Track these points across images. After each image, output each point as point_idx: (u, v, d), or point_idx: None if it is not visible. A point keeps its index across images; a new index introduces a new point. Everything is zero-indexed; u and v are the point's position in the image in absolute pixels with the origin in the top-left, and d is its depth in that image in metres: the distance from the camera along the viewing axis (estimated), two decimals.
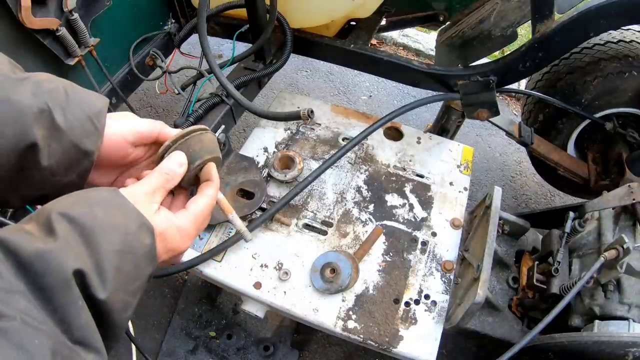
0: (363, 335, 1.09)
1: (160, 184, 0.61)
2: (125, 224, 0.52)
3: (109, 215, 0.52)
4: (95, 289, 0.46)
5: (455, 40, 1.62)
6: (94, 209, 0.51)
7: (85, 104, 0.61)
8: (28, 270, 0.43)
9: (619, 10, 1.12)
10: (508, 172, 2.41)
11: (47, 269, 0.43)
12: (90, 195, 0.54)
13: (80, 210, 0.50)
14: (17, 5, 1.03)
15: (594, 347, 0.98)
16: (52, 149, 0.58)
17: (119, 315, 0.49)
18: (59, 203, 0.51)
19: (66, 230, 0.47)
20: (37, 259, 0.43)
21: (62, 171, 0.60)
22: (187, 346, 1.65)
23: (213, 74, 1.23)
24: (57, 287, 0.43)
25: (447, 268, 1.20)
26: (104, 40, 1.31)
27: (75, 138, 0.59)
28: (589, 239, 1.22)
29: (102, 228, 0.50)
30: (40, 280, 0.43)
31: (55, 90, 0.59)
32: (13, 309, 0.40)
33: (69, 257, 0.45)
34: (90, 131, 0.60)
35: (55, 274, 0.44)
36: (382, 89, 2.80)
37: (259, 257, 1.21)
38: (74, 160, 0.60)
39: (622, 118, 1.61)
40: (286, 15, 1.45)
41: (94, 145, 0.61)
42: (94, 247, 0.48)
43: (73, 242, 0.47)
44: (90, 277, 0.46)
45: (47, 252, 0.44)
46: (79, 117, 0.60)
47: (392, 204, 1.33)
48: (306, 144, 1.46)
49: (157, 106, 2.63)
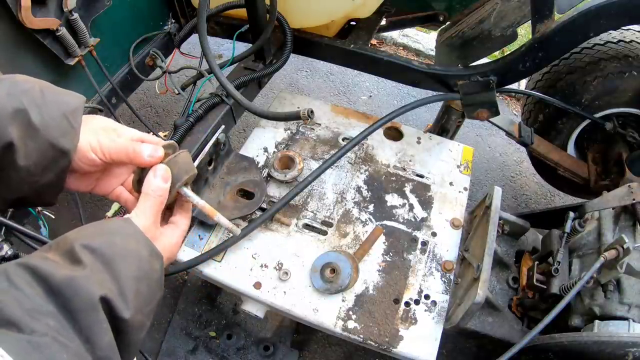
0: (363, 335, 1.09)
1: (157, 208, 0.65)
2: (139, 250, 0.58)
3: (125, 244, 0.57)
4: (120, 310, 0.51)
5: (455, 40, 1.62)
6: (112, 239, 0.56)
7: (61, 102, 0.62)
8: (58, 295, 0.48)
9: (619, 10, 1.12)
10: (508, 172, 2.41)
11: (76, 293, 0.48)
12: (107, 227, 0.59)
13: (100, 240, 0.55)
14: (17, 5, 1.03)
15: (594, 347, 0.98)
16: (29, 149, 0.59)
17: (137, 334, 0.55)
18: (80, 234, 0.56)
19: (90, 260, 0.52)
20: (67, 285, 0.48)
21: (39, 171, 0.61)
22: (187, 346, 1.65)
23: (213, 74, 1.23)
24: (85, 309, 0.48)
25: (447, 268, 1.20)
26: (104, 40, 1.31)
27: (52, 137, 0.60)
28: (589, 239, 1.22)
29: (121, 256, 0.55)
30: (69, 304, 0.48)
31: (31, 89, 0.60)
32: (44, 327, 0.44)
33: (95, 284, 0.50)
34: (66, 130, 0.61)
35: (83, 298, 0.48)
36: (382, 89, 2.80)
37: (259, 257, 1.21)
38: (51, 159, 0.61)
39: (622, 118, 1.61)
40: (286, 15, 1.45)
41: (70, 144, 0.62)
42: (116, 274, 0.53)
43: (97, 270, 0.52)
44: (115, 301, 0.51)
45: (75, 279, 0.49)
46: (54, 115, 0.61)
47: (392, 204, 1.33)
48: (306, 144, 1.46)
49: (157, 106, 2.63)
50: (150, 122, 2.53)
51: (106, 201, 2.22)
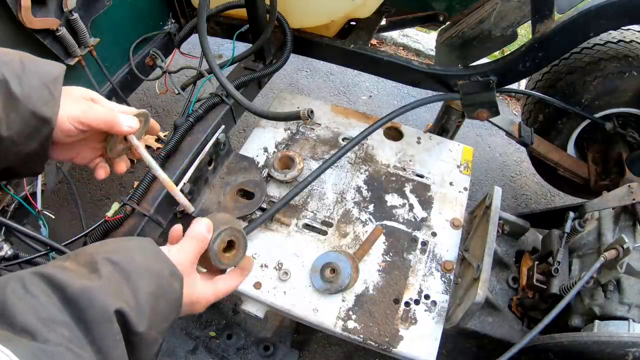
0: (363, 335, 1.09)
1: (197, 251, 0.68)
2: (160, 270, 0.59)
3: (146, 261, 0.58)
4: (134, 323, 0.51)
5: (455, 40, 1.62)
6: (133, 255, 0.57)
7: (42, 72, 0.64)
8: (73, 304, 0.48)
9: (619, 10, 1.12)
10: (508, 172, 2.41)
11: (91, 304, 0.48)
12: (129, 244, 0.60)
13: (121, 255, 0.56)
14: (17, 5, 1.03)
15: (594, 347, 0.98)
16: (11, 119, 0.60)
17: (149, 350, 0.55)
18: (101, 248, 0.57)
19: (109, 272, 0.53)
20: (82, 295, 0.48)
21: (23, 140, 0.62)
22: (187, 346, 1.65)
23: (213, 74, 1.23)
24: (99, 321, 0.48)
25: (447, 268, 1.20)
26: (104, 40, 1.31)
27: (33, 106, 0.61)
28: (589, 239, 1.22)
29: (140, 272, 0.56)
30: (84, 314, 0.48)
31: (11, 61, 0.62)
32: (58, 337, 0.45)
33: (111, 295, 0.50)
34: (47, 98, 0.63)
35: (98, 310, 0.48)
36: (382, 89, 2.80)
37: (259, 257, 1.21)
38: (34, 128, 0.63)
39: (622, 118, 1.61)
40: (286, 15, 1.45)
41: (51, 112, 0.63)
42: (134, 288, 0.54)
43: (115, 282, 0.52)
44: (130, 315, 0.51)
45: (92, 289, 0.49)
46: (35, 85, 0.62)
47: (392, 204, 1.33)
48: (306, 144, 1.46)
49: (157, 106, 2.63)
50: None
51: (106, 201, 2.22)
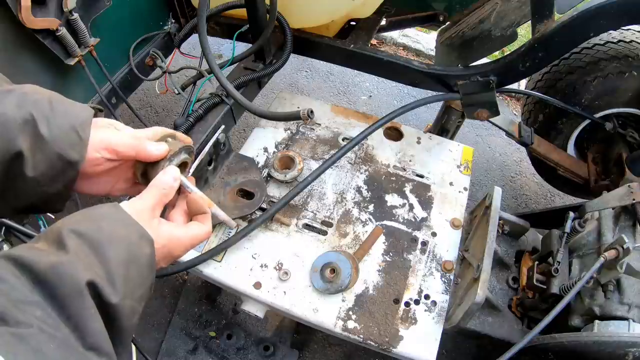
0: (363, 335, 1.09)
1: (159, 199, 0.66)
2: (128, 235, 0.57)
3: (113, 228, 0.56)
4: (108, 295, 0.50)
5: (455, 41, 1.62)
6: (99, 223, 0.56)
7: (70, 114, 0.63)
8: (43, 283, 0.46)
9: (619, 10, 1.12)
10: (508, 172, 2.41)
11: (61, 280, 0.47)
12: (95, 212, 0.58)
13: (87, 225, 0.55)
14: (17, 5, 1.02)
15: (594, 347, 0.98)
16: (37, 160, 0.60)
17: (128, 320, 0.53)
18: (67, 221, 0.55)
19: (76, 244, 0.51)
20: (51, 272, 0.47)
21: (47, 181, 0.62)
22: (187, 346, 1.65)
23: (213, 74, 1.23)
24: (71, 296, 0.47)
25: (447, 268, 1.20)
26: (104, 40, 1.31)
27: (60, 148, 0.61)
28: (589, 239, 1.22)
29: (108, 240, 0.54)
30: (55, 291, 0.46)
31: (40, 101, 0.61)
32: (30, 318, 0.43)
33: (81, 269, 0.49)
34: (75, 142, 0.62)
35: (69, 285, 0.47)
36: (382, 89, 2.80)
37: (259, 257, 1.21)
38: (59, 170, 0.62)
39: (622, 118, 1.61)
40: (286, 15, 1.45)
41: (78, 155, 0.62)
42: (104, 258, 0.52)
43: (83, 254, 0.51)
44: (102, 286, 0.49)
45: (60, 265, 0.48)
46: (63, 127, 0.61)
47: (392, 204, 1.33)
48: (306, 144, 1.46)
49: (157, 106, 2.63)
50: (150, 122, 2.53)
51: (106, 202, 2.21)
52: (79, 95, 1.37)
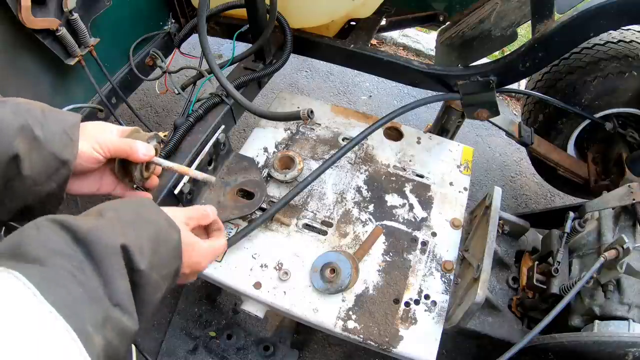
0: (363, 335, 1.09)
1: (197, 216, 0.77)
2: (158, 220, 0.64)
3: (146, 212, 0.64)
4: (137, 261, 0.55)
5: (455, 40, 1.62)
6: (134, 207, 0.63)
7: (61, 119, 0.70)
8: (82, 241, 0.51)
9: (619, 10, 1.12)
10: (508, 172, 2.41)
11: (99, 240, 0.52)
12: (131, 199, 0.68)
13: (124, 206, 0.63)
14: (17, 5, 1.02)
15: (594, 347, 0.98)
16: (33, 159, 0.66)
17: (152, 292, 0.57)
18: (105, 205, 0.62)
19: (114, 216, 0.58)
20: (90, 233, 0.52)
21: (42, 180, 0.68)
22: (187, 346, 1.65)
23: (213, 74, 1.23)
24: (107, 254, 0.51)
25: (447, 268, 1.20)
26: (104, 40, 1.31)
27: (54, 148, 0.67)
28: (589, 239, 1.22)
29: (140, 220, 0.61)
30: (92, 248, 0.51)
31: (32, 109, 0.68)
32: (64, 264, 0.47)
33: (117, 233, 0.54)
34: (67, 142, 0.69)
35: (105, 245, 0.52)
36: (382, 89, 2.80)
37: (259, 257, 1.21)
38: (54, 169, 0.68)
39: (622, 118, 1.61)
40: (286, 15, 1.45)
41: (70, 155, 0.70)
42: (136, 231, 0.58)
43: (119, 224, 0.57)
44: (133, 252, 0.54)
45: (99, 228, 0.53)
46: (55, 131, 0.68)
47: (392, 204, 1.33)
48: (306, 144, 1.46)
49: (157, 106, 2.63)
50: (150, 122, 2.53)
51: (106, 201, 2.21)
52: (79, 95, 1.37)
